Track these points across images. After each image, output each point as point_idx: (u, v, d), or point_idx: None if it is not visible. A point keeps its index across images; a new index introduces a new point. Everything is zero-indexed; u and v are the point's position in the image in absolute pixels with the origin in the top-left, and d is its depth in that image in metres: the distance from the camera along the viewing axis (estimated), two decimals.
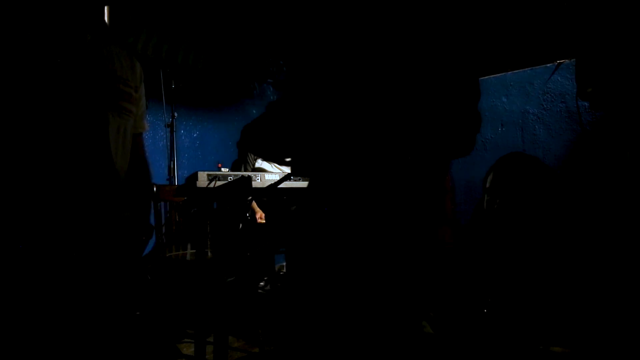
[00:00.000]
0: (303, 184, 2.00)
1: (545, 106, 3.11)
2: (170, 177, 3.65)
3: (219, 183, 1.83)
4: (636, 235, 2.12)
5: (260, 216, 3.33)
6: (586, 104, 2.74)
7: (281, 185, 1.90)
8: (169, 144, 3.64)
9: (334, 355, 0.99)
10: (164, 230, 2.94)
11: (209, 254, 2.66)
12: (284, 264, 3.92)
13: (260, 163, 3.79)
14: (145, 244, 1.55)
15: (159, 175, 3.64)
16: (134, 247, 1.49)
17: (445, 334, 2.31)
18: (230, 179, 1.88)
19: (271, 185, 1.94)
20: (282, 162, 2.30)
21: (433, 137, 0.93)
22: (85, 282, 1.31)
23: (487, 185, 2.87)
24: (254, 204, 3.37)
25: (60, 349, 1.28)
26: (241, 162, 4.10)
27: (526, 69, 3.20)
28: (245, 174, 1.94)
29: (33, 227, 1.26)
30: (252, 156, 3.86)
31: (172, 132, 3.60)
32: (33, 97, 1.26)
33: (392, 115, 0.91)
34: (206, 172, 1.86)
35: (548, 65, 3.09)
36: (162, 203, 3.20)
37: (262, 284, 3.79)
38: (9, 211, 1.26)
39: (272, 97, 4.61)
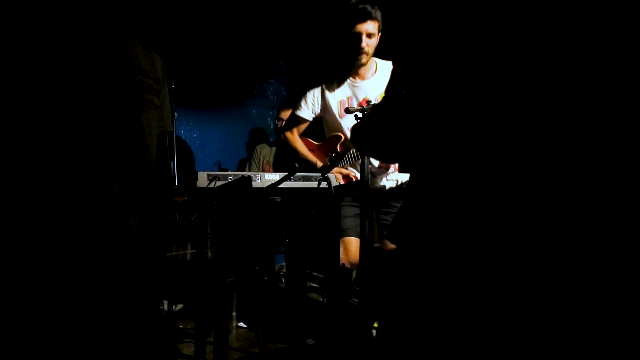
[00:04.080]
0: (303, 184, 2.00)
1: None
2: (171, 177, 3.65)
3: (219, 183, 1.84)
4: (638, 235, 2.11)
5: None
6: None
7: (281, 186, 1.90)
8: (168, 144, 3.64)
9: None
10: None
11: (209, 254, 2.67)
12: (284, 263, 3.92)
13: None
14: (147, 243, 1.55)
15: None
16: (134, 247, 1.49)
17: None
18: (230, 179, 1.88)
19: (271, 185, 1.94)
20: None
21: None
22: (86, 282, 1.31)
23: None
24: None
25: (60, 349, 1.28)
26: (247, 160, 4.10)
27: None
28: (246, 174, 1.94)
29: (33, 227, 1.26)
30: (258, 154, 3.87)
31: (172, 132, 3.60)
32: (42, 90, 1.26)
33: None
34: (206, 172, 1.86)
35: None
36: None
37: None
38: (10, 211, 1.26)
39: (272, 97, 4.61)
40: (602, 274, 0.86)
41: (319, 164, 2.55)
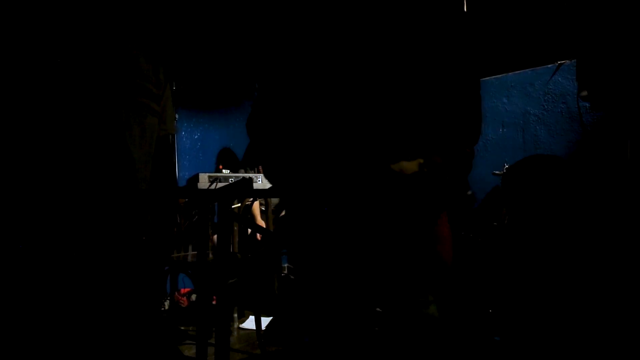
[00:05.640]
0: None
1: (546, 107, 3.11)
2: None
3: (220, 184, 1.84)
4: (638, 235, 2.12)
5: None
6: (587, 104, 2.74)
7: None
8: (170, 146, 3.64)
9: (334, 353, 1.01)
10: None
11: (210, 255, 2.66)
12: (286, 265, 3.92)
13: None
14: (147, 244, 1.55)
15: None
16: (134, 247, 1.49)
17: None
18: (231, 180, 1.88)
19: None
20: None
21: (428, 142, 0.94)
22: (86, 282, 1.32)
23: (510, 191, 2.78)
24: (255, 208, 3.34)
25: (60, 350, 1.28)
26: (242, 164, 4.10)
27: (527, 69, 3.20)
28: (247, 175, 1.94)
29: (34, 227, 1.26)
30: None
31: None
32: (38, 91, 1.26)
33: (381, 118, 0.92)
34: (207, 174, 1.87)
35: (549, 65, 3.09)
36: None
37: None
38: (11, 211, 1.26)
39: None
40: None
41: None
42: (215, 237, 2.88)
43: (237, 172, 3.46)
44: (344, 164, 0.94)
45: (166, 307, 2.99)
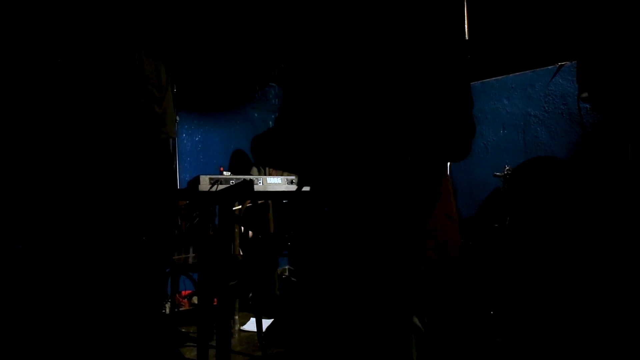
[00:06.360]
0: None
1: (546, 108, 3.11)
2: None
3: (221, 187, 1.84)
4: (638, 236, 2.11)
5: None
6: (588, 106, 2.74)
7: (282, 189, 1.90)
8: (171, 147, 3.64)
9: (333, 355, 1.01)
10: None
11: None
12: (287, 267, 3.92)
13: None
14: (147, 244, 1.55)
15: None
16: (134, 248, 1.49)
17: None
18: (232, 182, 1.88)
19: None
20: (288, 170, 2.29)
21: (427, 141, 0.95)
22: (87, 283, 1.32)
23: (512, 192, 2.78)
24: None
25: (62, 351, 1.28)
26: (247, 165, 4.09)
27: (527, 71, 3.20)
28: (247, 177, 1.94)
29: (35, 228, 1.27)
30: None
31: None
32: (44, 93, 1.27)
33: (385, 119, 0.93)
34: (208, 176, 1.87)
35: (549, 67, 3.09)
36: None
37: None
38: (10, 212, 1.26)
39: (274, 101, 4.61)
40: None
41: None
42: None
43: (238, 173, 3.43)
44: (348, 166, 0.95)
45: (167, 309, 2.99)
